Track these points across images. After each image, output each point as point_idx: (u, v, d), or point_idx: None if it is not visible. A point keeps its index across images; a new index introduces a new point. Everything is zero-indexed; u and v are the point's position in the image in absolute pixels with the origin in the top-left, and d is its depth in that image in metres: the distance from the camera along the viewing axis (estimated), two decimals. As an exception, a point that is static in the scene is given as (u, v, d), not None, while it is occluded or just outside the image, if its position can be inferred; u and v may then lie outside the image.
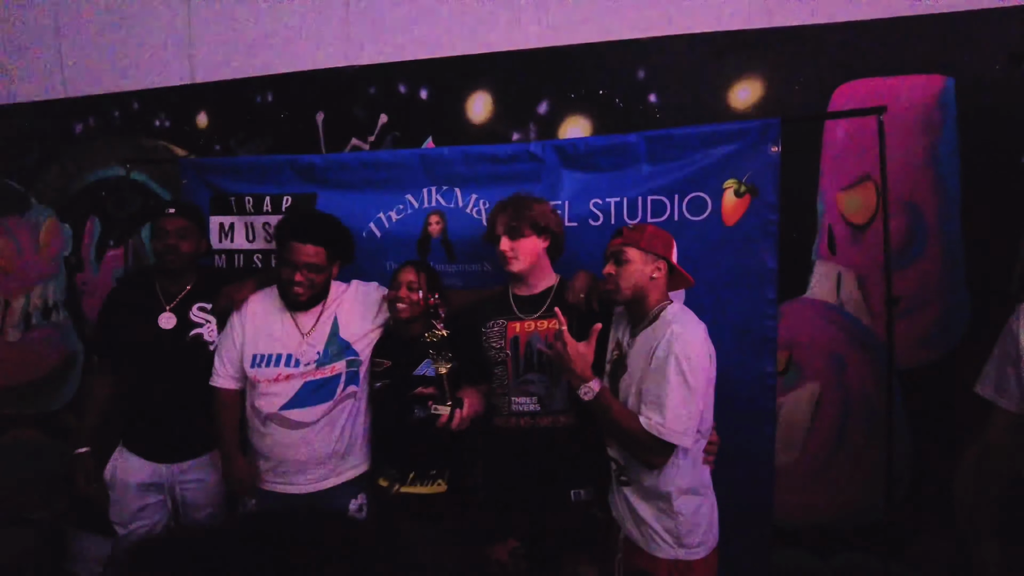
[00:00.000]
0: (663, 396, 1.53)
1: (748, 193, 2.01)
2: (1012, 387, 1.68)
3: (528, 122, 2.40)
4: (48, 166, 3.23)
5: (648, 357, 1.61)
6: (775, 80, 2.18)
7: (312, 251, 2.01)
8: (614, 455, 1.75)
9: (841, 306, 2.18)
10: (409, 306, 2.00)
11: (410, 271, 2.03)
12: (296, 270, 2.00)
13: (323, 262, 2.04)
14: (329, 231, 2.08)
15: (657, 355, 1.57)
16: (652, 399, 1.56)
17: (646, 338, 1.67)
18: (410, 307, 2.00)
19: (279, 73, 2.75)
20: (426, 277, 2.04)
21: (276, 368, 2.03)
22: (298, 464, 2.03)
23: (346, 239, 2.14)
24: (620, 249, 1.71)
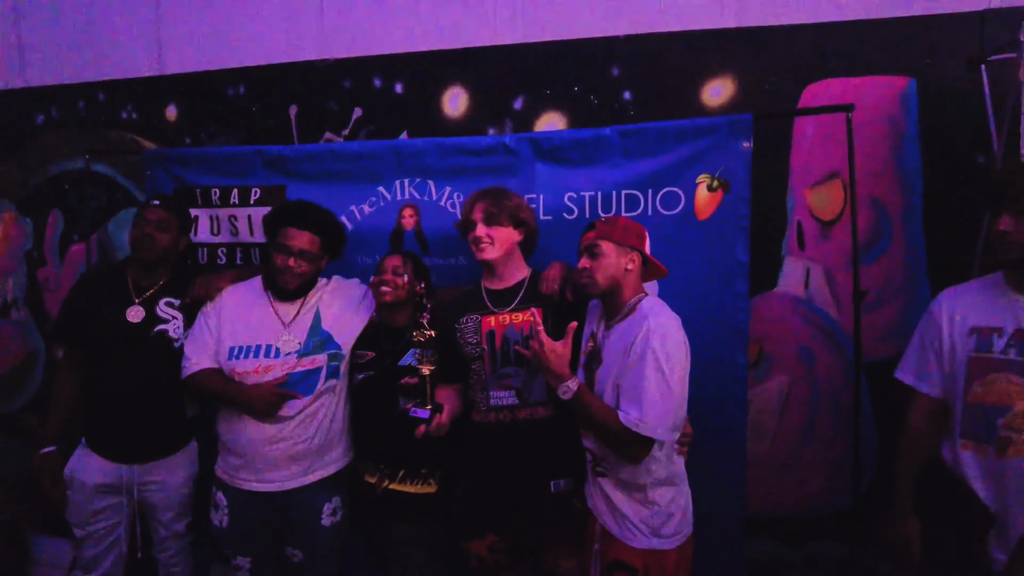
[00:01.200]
0: (641, 391, 1.53)
1: (720, 188, 2.04)
2: (934, 373, 1.74)
3: (504, 118, 2.41)
4: (7, 158, 3.13)
5: (625, 351, 1.60)
6: (747, 78, 2.23)
7: (308, 239, 2.00)
8: (590, 446, 1.75)
9: (810, 300, 2.23)
10: (393, 290, 1.98)
11: (396, 257, 2.03)
12: (290, 255, 1.98)
13: (317, 251, 2.03)
14: (327, 222, 2.07)
15: (634, 350, 1.57)
16: (630, 394, 1.56)
17: (621, 331, 1.67)
18: (394, 291, 1.98)
19: (252, 65, 2.71)
20: (412, 264, 2.03)
21: (256, 360, 1.98)
22: (272, 460, 1.97)
23: (340, 234, 2.13)
24: (594, 243, 1.72)
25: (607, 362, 1.68)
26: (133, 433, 2.12)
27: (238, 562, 2.07)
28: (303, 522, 2.02)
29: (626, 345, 1.61)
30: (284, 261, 1.98)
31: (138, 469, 2.14)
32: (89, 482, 2.12)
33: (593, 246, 1.72)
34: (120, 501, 2.16)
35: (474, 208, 1.90)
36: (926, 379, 1.75)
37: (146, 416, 2.11)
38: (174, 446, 2.19)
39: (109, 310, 2.12)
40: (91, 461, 2.13)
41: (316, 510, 2.03)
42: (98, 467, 2.12)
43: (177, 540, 2.27)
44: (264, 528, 2.04)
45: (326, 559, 2.07)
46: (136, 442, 2.13)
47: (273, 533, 2.06)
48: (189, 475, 2.23)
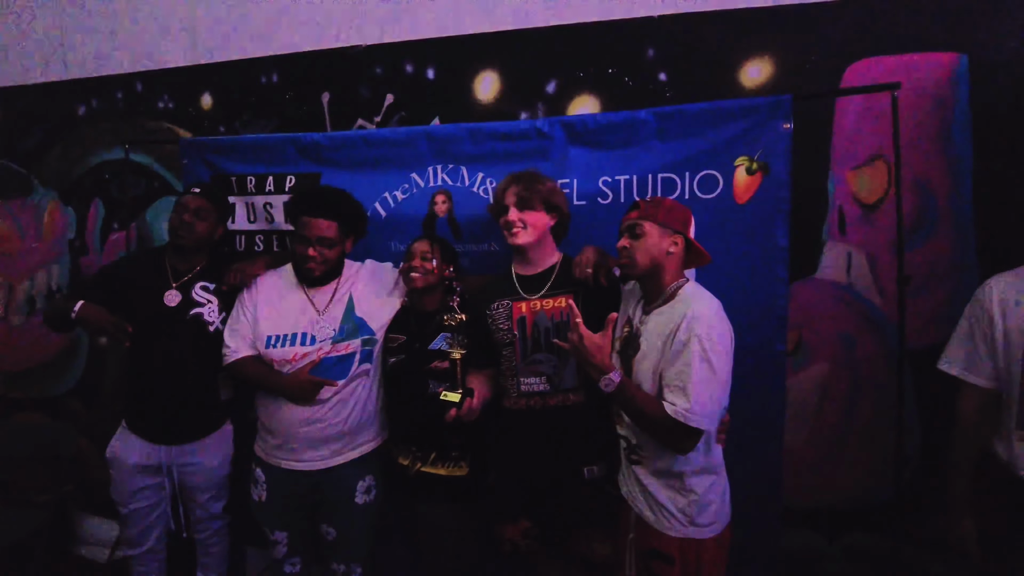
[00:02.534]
0: (687, 381, 1.50)
1: (760, 171, 1.99)
2: (985, 363, 1.67)
3: (536, 101, 2.38)
4: (51, 148, 3.21)
5: (667, 338, 1.57)
6: (786, 58, 2.15)
7: (325, 225, 2.02)
8: (624, 433, 1.73)
9: (851, 286, 2.16)
10: (423, 275, 2.00)
11: (424, 242, 2.05)
12: (310, 244, 2.01)
13: (336, 236, 2.04)
14: (341, 205, 2.07)
15: (678, 338, 1.54)
16: (676, 384, 1.52)
17: (662, 317, 1.63)
18: (423, 276, 2.00)
19: (285, 53, 2.72)
20: (440, 249, 2.04)
21: (292, 347, 2.02)
22: (307, 441, 2.02)
23: (358, 213, 2.13)
24: (636, 222, 1.67)
25: (646, 349, 1.64)
26: (169, 414, 2.18)
27: (276, 536, 2.13)
28: (337, 500, 2.07)
29: (668, 332, 1.57)
30: (304, 250, 2.01)
31: (175, 450, 2.20)
32: (130, 462, 2.19)
33: (635, 225, 1.67)
34: (160, 481, 2.23)
35: (507, 192, 1.88)
36: (977, 370, 1.69)
37: (181, 398, 2.17)
38: (209, 428, 2.24)
39: (148, 294, 2.17)
40: (132, 441, 2.20)
41: (350, 488, 2.06)
42: (138, 447, 2.19)
43: (214, 521, 2.34)
44: (300, 504, 2.10)
45: (359, 537, 2.11)
46: (172, 423, 2.19)
47: (308, 510, 2.11)
48: (225, 457, 2.28)
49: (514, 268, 1.97)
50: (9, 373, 3.40)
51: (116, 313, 2.12)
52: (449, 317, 1.80)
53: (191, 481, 2.25)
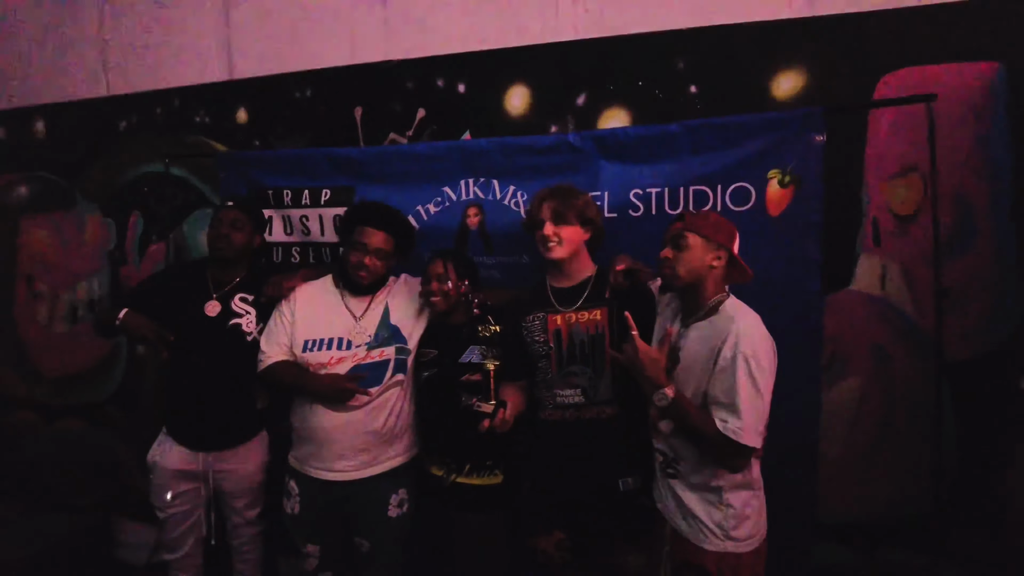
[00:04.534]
0: (735, 399, 1.51)
1: (792, 183, 1.98)
2: None
3: (566, 114, 2.40)
4: (93, 162, 3.31)
5: (709, 354, 1.58)
6: (819, 70, 2.14)
7: (382, 238, 2.08)
8: (660, 447, 1.74)
9: (886, 298, 2.14)
10: (442, 297, 2.03)
11: (438, 263, 2.06)
12: (365, 254, 2.06)
13: (391, 250, 2.10)
14: (400, 223, 2.15)
15: (723, 354, 1.54)
16: (725, 402, 1.53)
17: (704, 331, 1.64)
18: (443, 298, 2.03)
19: (318, 68, 2.77)
20: (453, 265, 2.05)
21: (329, 351, 2.07)
22: (340, 448, 2.05)
23: (411, 234, 2.19)
24: (681, 233, 1.67)
25: (686, 363, 1.66)
26: (207, 422, 2.24)
27: (308, 550, 2.17)
28: (370, 512, 2.10)
29: (710, 348, 1.58)
30: (359, 258, 2.06)
31: (212, 456, 2.26)
32: (169, 467, 2.25)
33: (679, 236, 1.67)
34: (197, 487, 2.29)
35: (541, 207, 1.90)
36: None
37: (219, 406, 2.23)
38: (245, 436, 2.30)
39: (189, 303, 2.23)
40: (170, 448, 2.26)
41: (383, 501, 2.09)
42: (177, 453, 2.25)
43: (249, 528, 2.39)
44: (333, 517, 2.13)
45: (392, 550, 2.14)
46: (210, 430, 2.25)
47: (341, 522, 2.14)
48: (260, 465, 2.33)
49: (549, 280, 1.98)
50: (52, 380, 3.50)
51: (157, 322, 2.19)
52: (484, 328, 1.83)
53: (227, 487, 2.30)
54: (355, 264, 2.07)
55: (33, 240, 3.50)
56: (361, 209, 2.17)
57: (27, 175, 3.48)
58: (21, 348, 3.56)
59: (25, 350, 3.56)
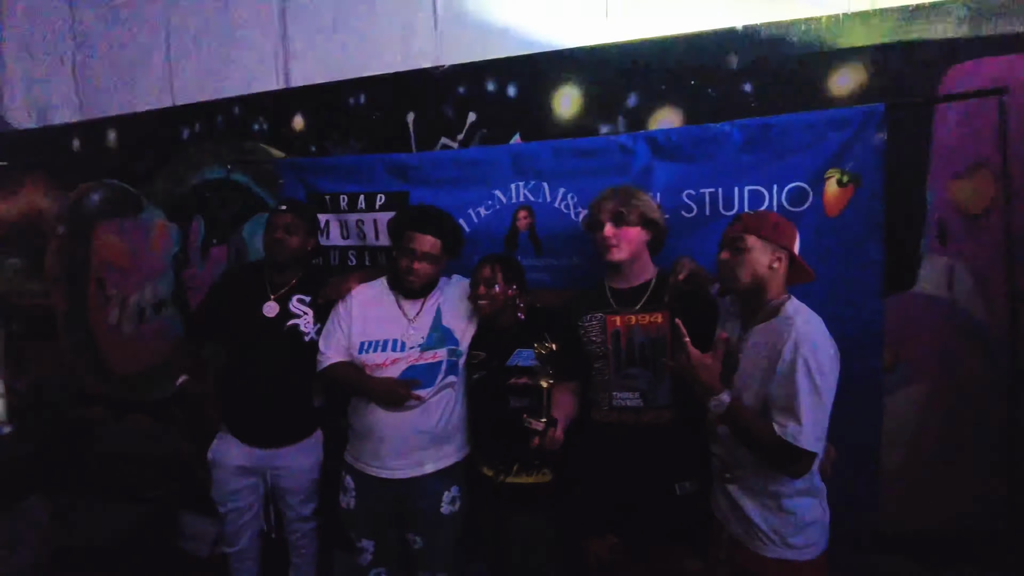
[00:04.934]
0: (796, 403, 1.47)
1: (852, 183, 1.93)
2: None
3: (617, 115, 2.38)
4: (159, 171, 3.47)
5: (769, 357, 1.55)
6: (880, 65, 2.07)
7: (430, 242, 2.11)
8: (718, 451, 1.71)
9: (954, 301, 2.05)
10: (489, 302, 2.05)
11: (485, 267, 2.08)
12: (414, 259, 2.10)
13: (439, 253, 2.13)
14: (447, 225, 2.18)
15: (784, 357, 1.51)
16: (784, 406, 1.50)
17: (764, 335, 1.60)
18: (490, 302, 2.05)
19: (371, 75, 2.84)
20: (501, 268, 2.07)
21: (384, 353, 2.12)
22: (395, 447, 2.10)
23: (459, 235, 2.23)
24: (739, 236, 1.63)
25: (746, 367, 1.63)
26: (266, 419, 2.31)
27: (363, 544, 2.22)
28: (423, 509, 2.13)
29: (771, 351, 1.55)
30: (408, 264, 2.10)
31: (270, 453, 2.33)
32: (229, 463, 2.34)
33: (737, 239, 1.63)
34: (256, 482, 2.37)
35: (602, 208, 1.89)
36: None
37: (278, 404, 2.30)
38: (302, 433, 2.37)
39: (248, 305, 2.31)
40: (230, 445, 2.35)
41: (436, 498, 2.13)
42: (237, 450, 2.33)
43: (304, 523, 2.46)
44: (387, 513, 2.18)
45: (445, 547, 2.17)
46: (268, 428, 2.32)
47: (395, 519, 2.19)
48: (315, 462, 2.40)
49: (607, 282, 1.97)
50: (121, 377, 3.68)
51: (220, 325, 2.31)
52: (540, 346, 1.81)
53: (284, 483, 2.38)
54: (404, 269, 2.11)
55: (104, 245, 3.69)
56: (409, 214, 2.22)
57: (100, 183, 3.66)
58: (94, 347, 3.75)
59: (97, 349, 3.75)
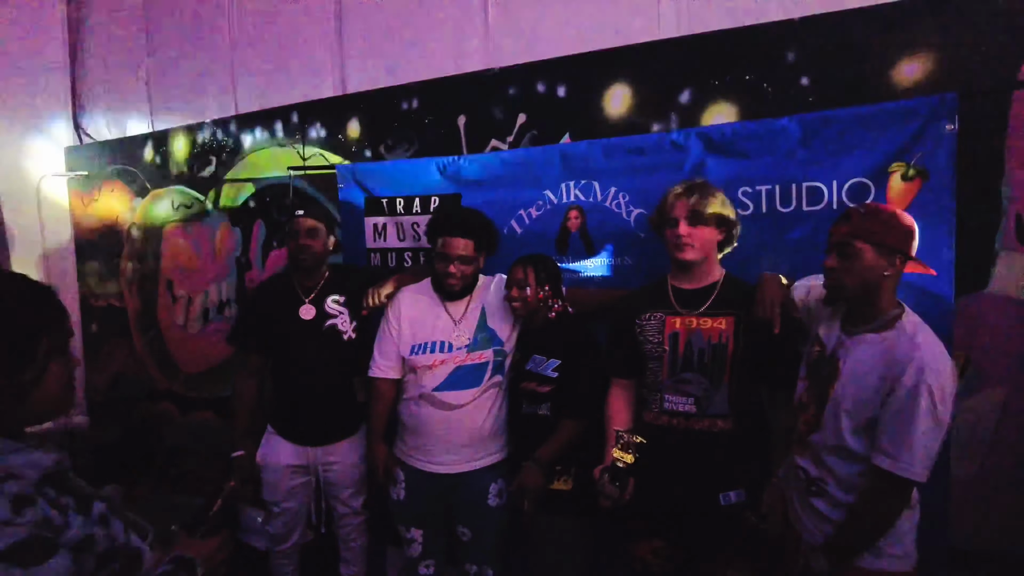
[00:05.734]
0: (911, 433, 1.39)
1: (918, 177, 1.84)
2: None
3: (669, 113, 2.35)
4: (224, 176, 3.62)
5: (886, 377, 1.44)
6: (949, 53, 1.96)
7: (462, 244, 2.13)
8: (804, 464, 1.63)
9: (1031, 299, 1.93)
10: (522, 303, 2.08)
11: (518, 269, 2.10)
12: (450, 262, 2.13)
13: (472, 253, 2.15)
14: (476, 224, 2.19)
15: (904, 383, 1.40)
16: (897, 437, 1.41)
17: (878, 348, 1.49)
18: (523, 304, 2.08)
19: (423, 80, 2.89)
20: (534, 270, 2.08)
21: (432, 355, 2.17)
22: (444, 444, 2.15)
23: (491, 231, 2.23)
24: (847, 241, 1.49)
25: (850, 378, 1.52)
26: (313, 418, 2.38)
27: (412, 534, 2.26)
28: (471, 501, 2.18)
29: (886, 370, 1.45)
30: (445, 268, 2.14)
31: (320, 451, 2.40)
32: (282, 463, 2.41)
33: (845, 244, 1.50)
34: (308, 480, 2.45)
35: (676, 205, 1.82)
36: None
37: (323, 402, 2.37)
38: (349, 429, 2.43)
39: (285, 312, 2.39)
40: (280, 445, 2.42)
41: (483, 490, 2.17)
42: (287, 450, 2.41)
43: (355, 517, 2.52)
44: (436, 505, 2.23)
45: (492, 539, 2.20)
46: (316, 426, 2.39)
47: (444, 511, 2.24)
48: (363, 456, 2.45)
49: (671, 280, 1.91)
50: (188, 375, 3.85)
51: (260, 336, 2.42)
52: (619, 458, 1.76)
53: (334, 478, 2.45)
54: (443, 273, 2.15)
55: (173, 248, 3.88)
56: (439, 220, 2.24)
57: (168, 189, 3.85)
58: (163, 345, 3.94)
59: (166, 347, 3.94)
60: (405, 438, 2.25)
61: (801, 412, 1.65)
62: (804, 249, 1.98)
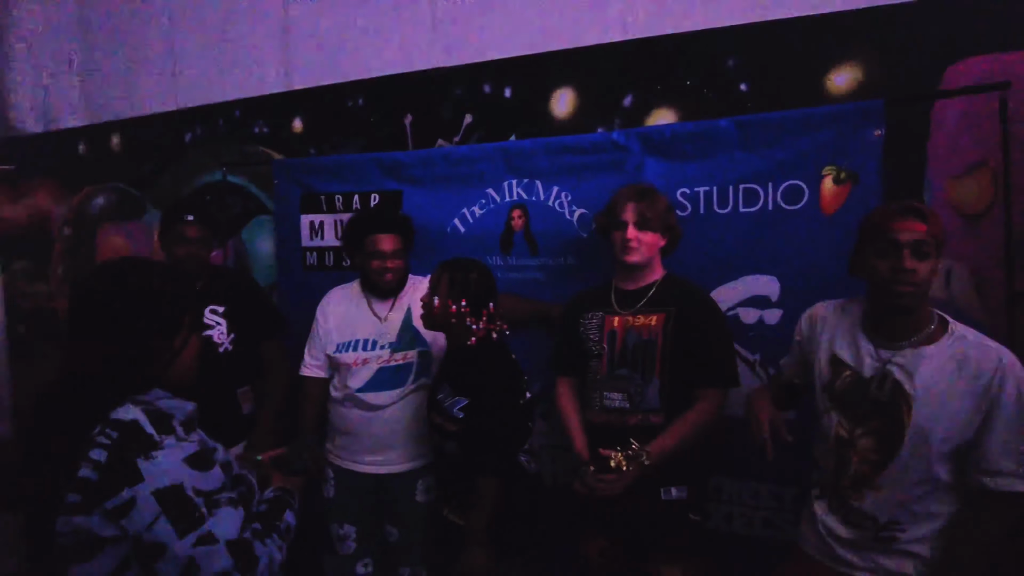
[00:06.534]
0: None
1: (849, 180, 1.90)
2: None
3: (613, 116, 2.37)
4: (161, 173, 3.49)
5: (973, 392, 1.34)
6: (878, 62, 2.04)
7: (392, 239, 2.15)
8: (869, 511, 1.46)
9: (952, 302, 2.01)
10: (426, 314, 1.89)
11: (436, 273, 1.92)
12: (385, 258, 2.14)
13: (402, 247, 2.18)
14: (401, 220, 2.24)
15: (1008, 392, 1.30)
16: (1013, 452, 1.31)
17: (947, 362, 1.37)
18: (427, 315, 1.89)
19: (369, 78, 2.85)
20: (449, 280, 1.86)
21: (356, 352, 2.18)
22: (369, 445, 2.16)
23: (412, 227, 2.27)
24: (926, 240, 1.35)
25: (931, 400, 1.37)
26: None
27: (344, 530, 2.24)
28: (399, 499, 2.18)
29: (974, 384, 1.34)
30: (382, 265, 2.14)
31: None
32: None
33: (923, 243, 1.35)
34: None
35: (625, 208, 1.84)
36: None
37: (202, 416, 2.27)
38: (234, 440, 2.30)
39: None
40: None
41: (411, 486, 2.18)
42: None
43: None
44: (367, 500, 2.22)
45: (421, 537, 2.16)
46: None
47: (373, 508, 2.23)
48: None
49: (615, 281, 1.94)
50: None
51: None
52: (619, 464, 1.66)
53: None
54: (379, 270, 2.15)
55: (108, 247, 3.71)
56: (366, 220, 2.23)
57: (104, 186, 3.69)
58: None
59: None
60: (334, 438, 2.25)
61: (847, 449, 1.46)
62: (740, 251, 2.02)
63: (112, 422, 1.08)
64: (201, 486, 1.09)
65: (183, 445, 1.11)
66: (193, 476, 1.09)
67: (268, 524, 1.21)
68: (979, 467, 1.34)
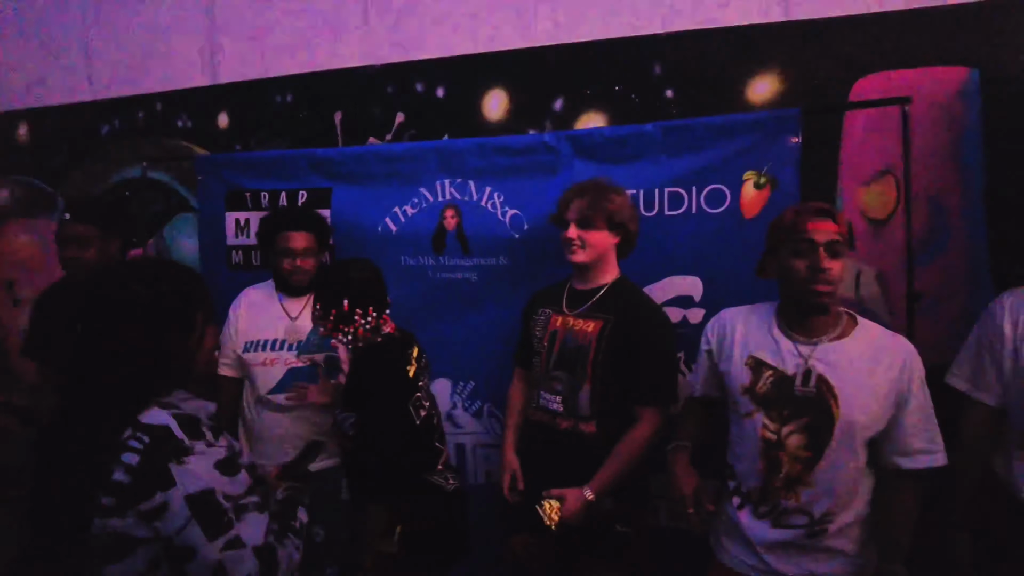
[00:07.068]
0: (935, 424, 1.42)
1: (768, 185, 1.98)
2: (991, 379, 1.61)
3: (544, 119, 2.41)
4: (75, 167, 3.30)
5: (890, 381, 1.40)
6: (795, 74, 2.16)
7: (306, 237, 2.13)
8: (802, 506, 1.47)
9: (860, 302, 2.13)
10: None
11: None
12: (296, 256, 2.11)
13: (315, 246, 2.15)
14: (315, 218, 2.21)
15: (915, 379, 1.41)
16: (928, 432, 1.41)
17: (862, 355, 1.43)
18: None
19: (298, 73, 2.78)
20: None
21: (264, 352, 2.15)
22: (283, 448, 2.09)
23: (326, 227, 2.25)
24: (838, 239, 1.41)
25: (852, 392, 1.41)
26: None
27: None
28: (322, 498, 2.06)
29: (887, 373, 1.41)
30: (292, 263, 2.12)
31: None
32: None
33: (836, 242, 1.41)
34: None
35: (569, 206, 1.80)
36: (983, 386, 1.63)
37: None
38: None
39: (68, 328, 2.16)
40: None
41: (336, 484, 2.15)
42: None
43: None
44: None
45: (347, 535, 2.14)
46: None
47: None
48: None
49: (571, 280, 1.90)
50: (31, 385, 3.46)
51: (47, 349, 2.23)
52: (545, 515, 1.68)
53: None
54: (290, 270, 2.13)
55: (15, 245, 3.47)
56: (279, 217, 2.21)
57: (9, 179, 3.46)
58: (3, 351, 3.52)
59: (5, 354, 3.52)
60: (247, 440, 2.20)
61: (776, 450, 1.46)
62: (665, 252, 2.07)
63: (143, 427, 1.08)
64: (229, 490, 1.13)
65: (213, 450, 1.13)
66: (222, 481, 1.11)
67: (284, 524, 1.25)
68: (895, 449, 1.42)
